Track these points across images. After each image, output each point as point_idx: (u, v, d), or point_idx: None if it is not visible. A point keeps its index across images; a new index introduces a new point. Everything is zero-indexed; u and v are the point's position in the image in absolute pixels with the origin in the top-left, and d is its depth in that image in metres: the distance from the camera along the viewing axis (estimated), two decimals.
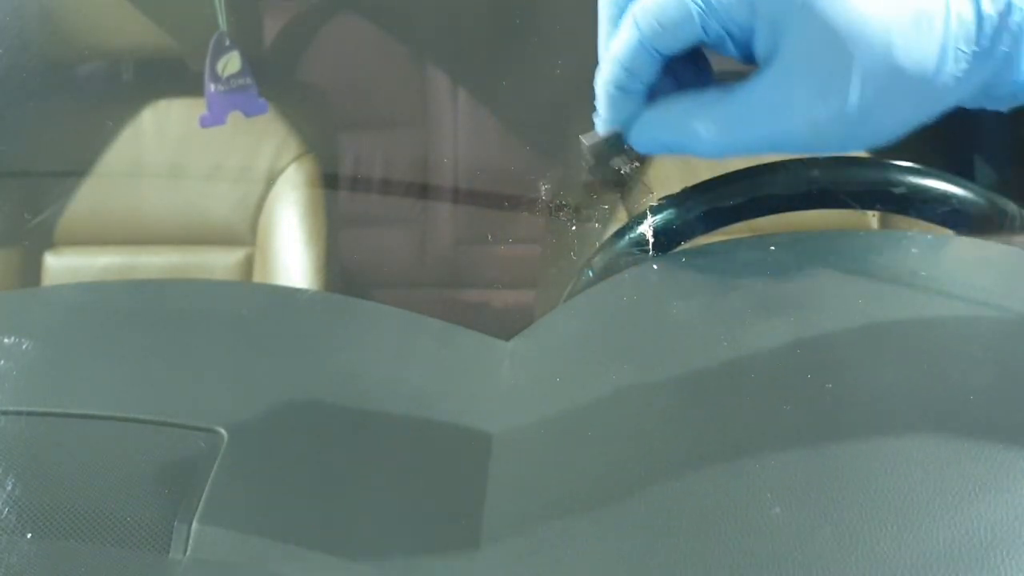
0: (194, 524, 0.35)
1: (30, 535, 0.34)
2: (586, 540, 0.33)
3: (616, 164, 0.41)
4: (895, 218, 0.54)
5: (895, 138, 0.36)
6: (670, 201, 0.52)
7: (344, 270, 1.14)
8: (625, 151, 0.40)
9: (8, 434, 0.40)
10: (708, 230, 0.52)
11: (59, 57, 1.06)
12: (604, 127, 0.40)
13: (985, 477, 0.32)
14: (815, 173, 0.51)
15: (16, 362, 0.45)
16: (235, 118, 0.94)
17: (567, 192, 0.90)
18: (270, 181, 1.06)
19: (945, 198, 0.51)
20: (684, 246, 0.51)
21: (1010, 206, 0.52)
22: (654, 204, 0.52)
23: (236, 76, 0.93)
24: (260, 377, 0.44)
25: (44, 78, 1.04)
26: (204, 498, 0.36)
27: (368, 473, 0.39)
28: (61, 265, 1.06)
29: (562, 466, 0.38)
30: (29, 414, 0.41)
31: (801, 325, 0.41)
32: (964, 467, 0.32)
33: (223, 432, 0.39)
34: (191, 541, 0.35)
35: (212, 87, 0.92)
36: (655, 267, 0.49)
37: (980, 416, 0.35)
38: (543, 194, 0.96)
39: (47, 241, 1.06)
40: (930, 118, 0.36)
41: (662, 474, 0.35)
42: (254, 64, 0.95)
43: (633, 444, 0.37)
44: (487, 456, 0.39)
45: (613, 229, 0.54)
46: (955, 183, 0.52)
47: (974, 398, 0.36)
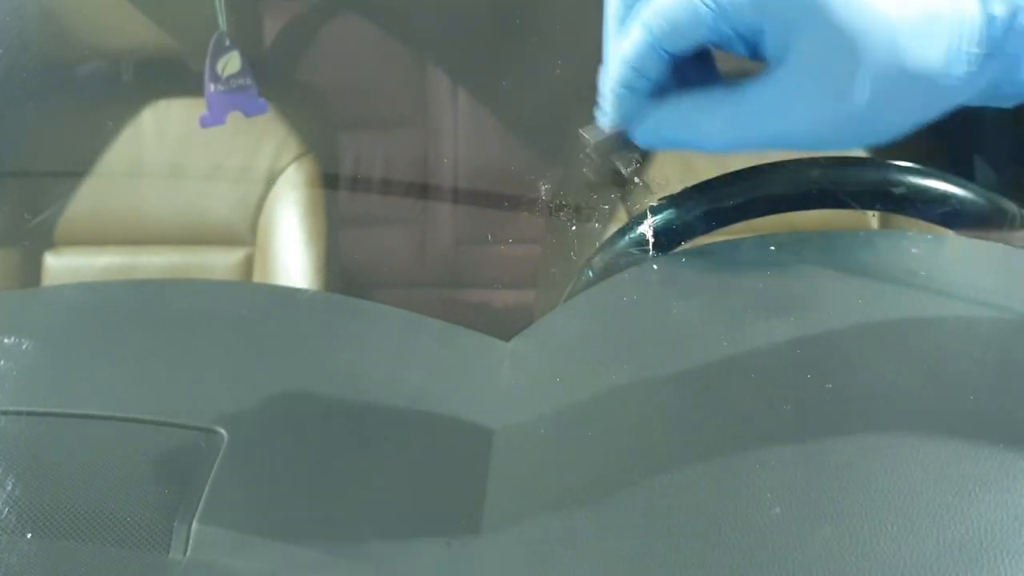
0: (194, 524, 0.35)
1: (30, 535, 0.34)
2: (586, 539, 0.33)
3: (618, 161, 0.41)
4: (895, 218, 0.54)
5: (900, 137, 0.36)
6: (670, 201, 0.52)
7: (344, 270, 1.14)
8: (627, 147, 0.40)
9: (8, 434, 0.40)
10: (708, 230, 0.52)
11: (59, 57, 1.06)
12: (609, 125, 0.40)
13: (985, 477, 0.32)
14: (815, 173, 0.51)
15: (16, 362, 0.45)
16: (235, 118, 0.94)
17: (567, 192, 0.89)
18: (270, 181, 1.06)
19: (945, 198, 0.51)
20: (684, 246, 0.51)
21: (1010, 206, 0.52)
22: (654, 204, 0.52)
23: (236, 76, 0.93)
24: (260, 377, 0.44)
25: (44, 78, 1.04)
26: (204, 498, 0.36)
27: (368, 473, 0.39)
28: (61, 265, 1.06)
29: (562, 466, 0.38)
30: (29, 414, 0.41)
31: (801, 325, 0.41)
32: (964, 467, 0.32)
33: (223, 432, 0.39)
34: (191, 541, 0.35)
35: (212, 87, 0.92)
36: (655, 267, 0.49)
37: (980, 416, 0.35)
38: (543, 194, 0.96)
39: (47, 241, 1.06)
40: (936, 117, 0.36)
41: (662, 474, 0.35)
42: (254, 64, 0.95)
43: (633, 444, 0.37)
44: (487, 456, 0.39)
45: (613, 229, 0.54)
46: (955, 183, 0.52)
47: (974, 398, 0.36)
